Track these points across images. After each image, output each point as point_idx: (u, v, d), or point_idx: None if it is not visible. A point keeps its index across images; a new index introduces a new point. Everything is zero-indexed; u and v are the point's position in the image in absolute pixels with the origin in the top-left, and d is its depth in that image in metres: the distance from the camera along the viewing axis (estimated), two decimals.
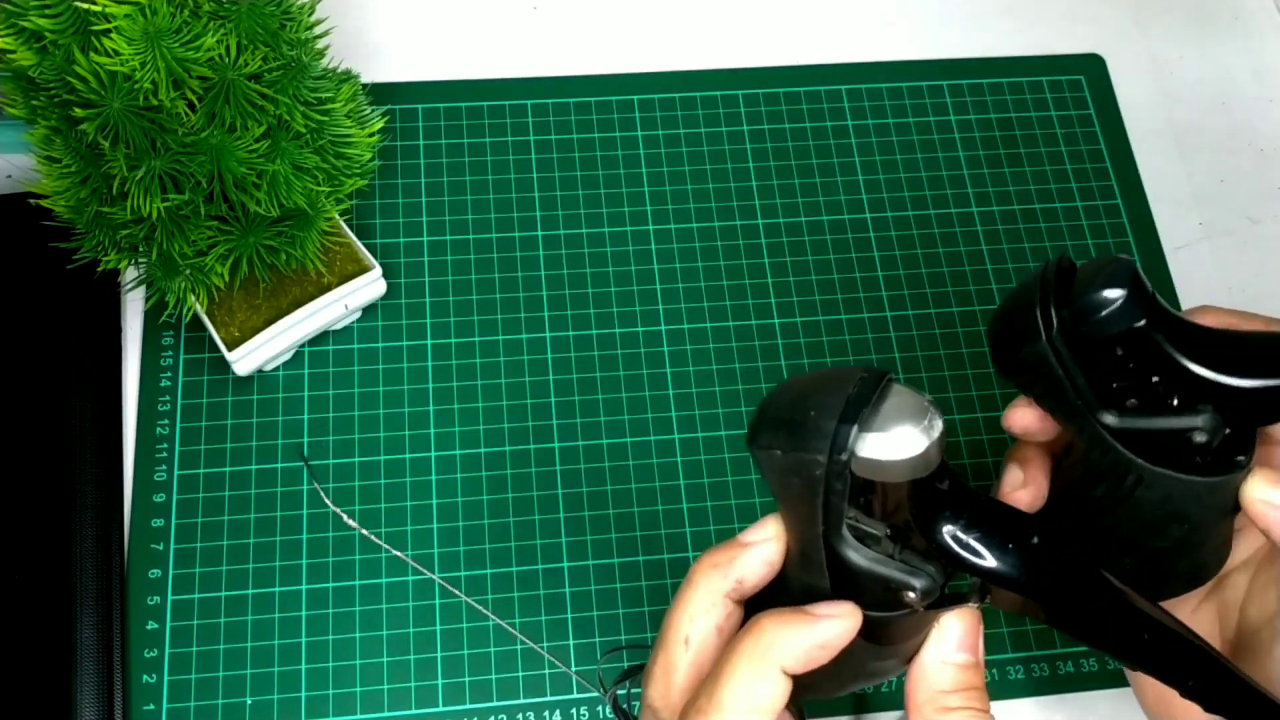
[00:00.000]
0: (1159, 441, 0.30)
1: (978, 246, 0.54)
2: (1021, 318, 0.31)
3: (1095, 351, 0.30)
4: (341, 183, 0.45)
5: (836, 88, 0.58)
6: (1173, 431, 0.30)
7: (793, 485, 0.27)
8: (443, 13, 0.59)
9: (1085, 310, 0.30)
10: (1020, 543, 0.27)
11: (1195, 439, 0.30)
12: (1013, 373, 0.32)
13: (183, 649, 0.44)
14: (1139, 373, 0.31)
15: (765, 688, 0.27)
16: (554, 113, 0.56)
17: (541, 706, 0.44)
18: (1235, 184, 0.58)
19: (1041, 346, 0.30)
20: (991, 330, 0.33)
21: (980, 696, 0.28)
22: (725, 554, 0.30)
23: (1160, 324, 0.30)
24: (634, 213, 0.54)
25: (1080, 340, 0.30)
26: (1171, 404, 0.30)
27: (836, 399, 0.26)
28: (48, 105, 0.39)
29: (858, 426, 0.25)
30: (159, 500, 0.46)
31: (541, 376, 0.50)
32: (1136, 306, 0.30)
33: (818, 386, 0.27)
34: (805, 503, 0.27)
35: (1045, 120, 0.58)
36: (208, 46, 0.38)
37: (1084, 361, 0.30)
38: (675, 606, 0.30)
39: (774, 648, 0.27)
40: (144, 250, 0.43)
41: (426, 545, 0.46)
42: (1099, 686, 0.46)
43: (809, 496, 0.26)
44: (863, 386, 0.26)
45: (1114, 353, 0.31)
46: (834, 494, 0.26)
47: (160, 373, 0.49)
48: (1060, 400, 0.31)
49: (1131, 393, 0.31)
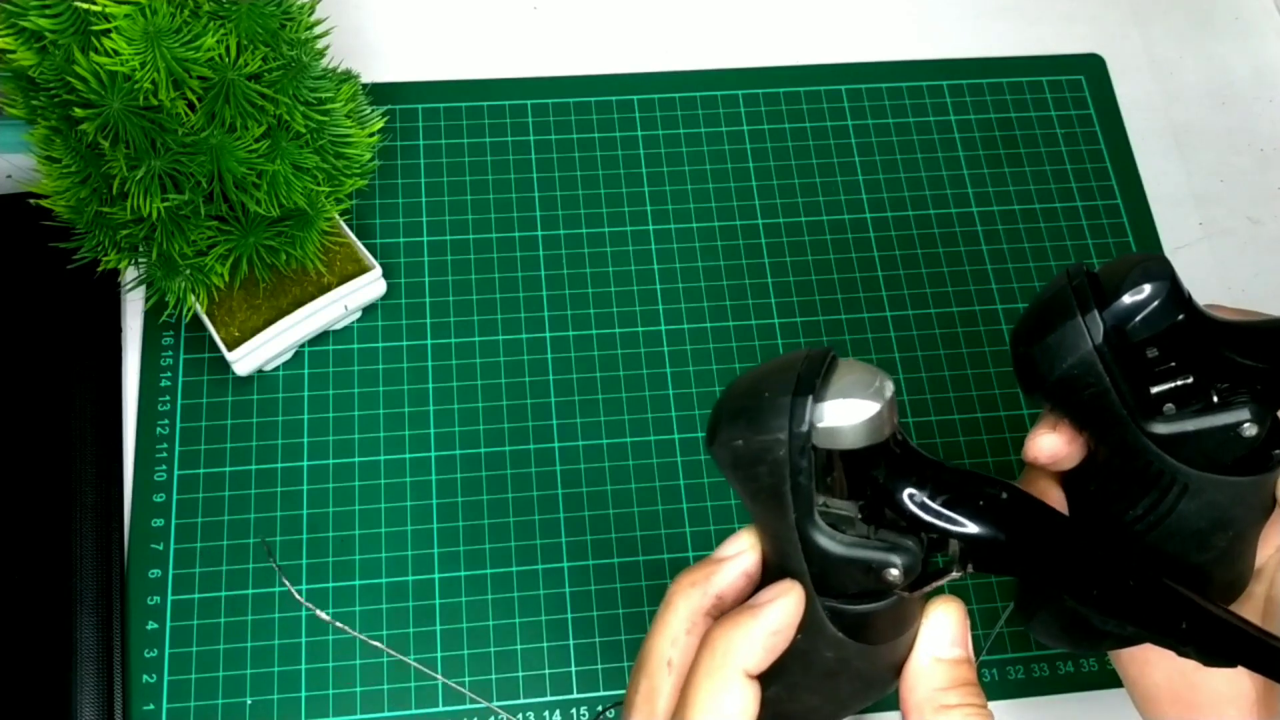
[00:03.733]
0: (1206, 444, 0.29)
1: (978, 246, 0.54)
2: (1059, 331, 0.30)
3: (1131, 356, 0.30)
4: (341, 183, 0.45)
5: (836, 88, 0.58)
6: (1220, 429, 0.29)
7: (759, 476, 0.27)
8: (443, 13, 0.59)
9: (1126, 312, 0.29)
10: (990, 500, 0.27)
11: (1245, 432, 0.29)
12: (1051, 391, 0.31)
13: (183, 649, 0.44)
14: (1173, 373, 0.30)
15: (732, 697, 0.26)
16: (554, 113, 0.56)
17: (541, 706, 0.44)
18: (1235, 184, 0.58)
19: (1089, 355, 0.29)
20: (1020, 349, 0.31)
21: (976, 692, 0.27)
22: (702, 572, 0.29)
23: (1196, 319, 0.30)
24: (634, 213, 0.54)
25: (1120, 345, 0.29)
26: (1214, 401, 0.29)
27: (787, 378, 0.26)
28: (48, 105, 0.39)
29: (812, 397, 0.25)
30: (159, 500, 0.46)
31: (541, 376, 0.50)
32: (1176, 303, 0.29)
33: (767, 373, 0.27)
34: (774, 493, 0.26)
35: (1045, 120, 0.58)
36: (208, 46, 0.38)
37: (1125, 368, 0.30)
38: (654, 630, 0.29)
39: (730, 654, 0.27)
40: (144, 250, 0.43)
41: (427, 545, 0.46)
42: (1099, 686, 0.46)
43: (777, 484, 0.26)
44: (810, 363, 0.26)
45: (1145, 355, 0.30)
46: (800, 473, 0.26)
47: (160, 373, 0.49)
48: (1102, 413, 0.30)
49: (1167, 398, 0.30)
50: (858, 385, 0.25)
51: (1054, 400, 0.31)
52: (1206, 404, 0.29)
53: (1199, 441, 0.29)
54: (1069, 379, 0.30)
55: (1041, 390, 0.31)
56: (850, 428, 0.25)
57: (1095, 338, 0.29)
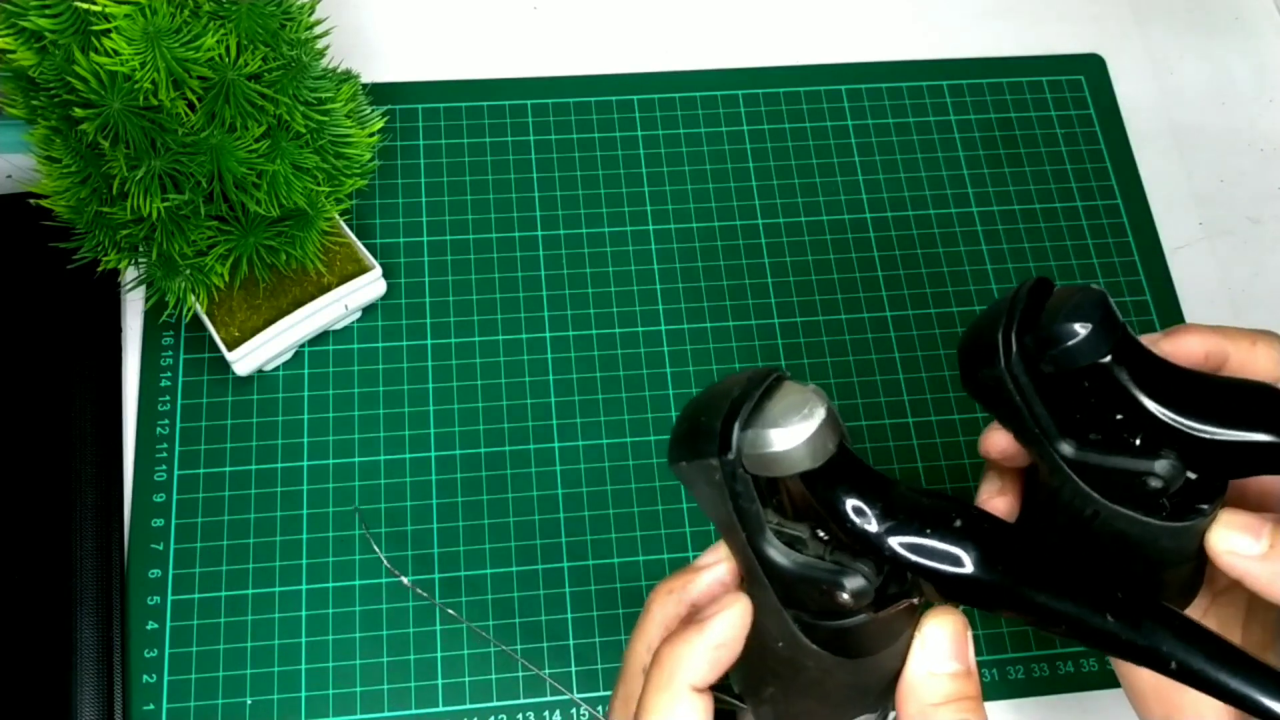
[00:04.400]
0: (1117, 480, 0.29)
1: (978, 246, 0.54)
2: (984, 340, 0.30)
3: (1059, 380, 0.29)
4: (341, 183, 0.45)
5: (836, 88, 0.58)
6: (1129, 472, 0.29)
7: (706, 494, 0.27)
8: (443, 13, 0.59)
9: (1050, 340, 0.29)
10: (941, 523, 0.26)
11: (1150, 484, 0.28)
12: (975, 394, 0.31)
13: (183, 649, 0.44)
14: (1102, 408, 0.30)
15: (682, 711, 0.27)
16: (554, 113, 0.56)
17: (541, 706, 0.44)
18: (1235, 184, 0.58)
19: (999, 371, 0.29)
20: (959, 348, 0.32)
21: (975, 707, 0.26)
22: (680, 580, 0.30)
23: (1128, 358, 0.29)
24: (634, 213, 0.54)
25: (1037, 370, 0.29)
26: (1133, 444, 0.29)
27: (722, 404, 0.26)
28: (48, 105, 0.39)
29: (738, 424, 0.25)
30: (159, 500, 0.46)
31: (541, 376, 0.50)
32: (1103, 341, 0.28)
33: (711, 394, 0.27)
34: (722, 510, 0.27)
35: (1045, 120, 0.58)
36: (208, 46, 0.38)
37: (1047, 389, 0.29)
38: (633, 637, 0.30)
39: (677, 669, 0.27)
40: (144, 250, 0.43)
41: (427, 545, 0.46)
42: (1099, 687, 0.46)
43: (721, 502, 0.26)
44: (748, 386, 0.26)
45: (1080, 384, 0.30)
46: (740, 497, 0.26)
47: (160, 373, 0.49)
48: (1020, 426, 0.30)
49: (1096, 425, 0.30)
50: (788, 411, 0.25)
51: (981, 402, 0.31)
52: (1123, 445, 0.29)
53: (1110, 476, 0.29)
54: (985, 387, 0.30)
55: (969, 390, 0.31)
56: (777, 454, 0.25)
57: (1007, 356, 0.29)
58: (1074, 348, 0.28)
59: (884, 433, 0.50)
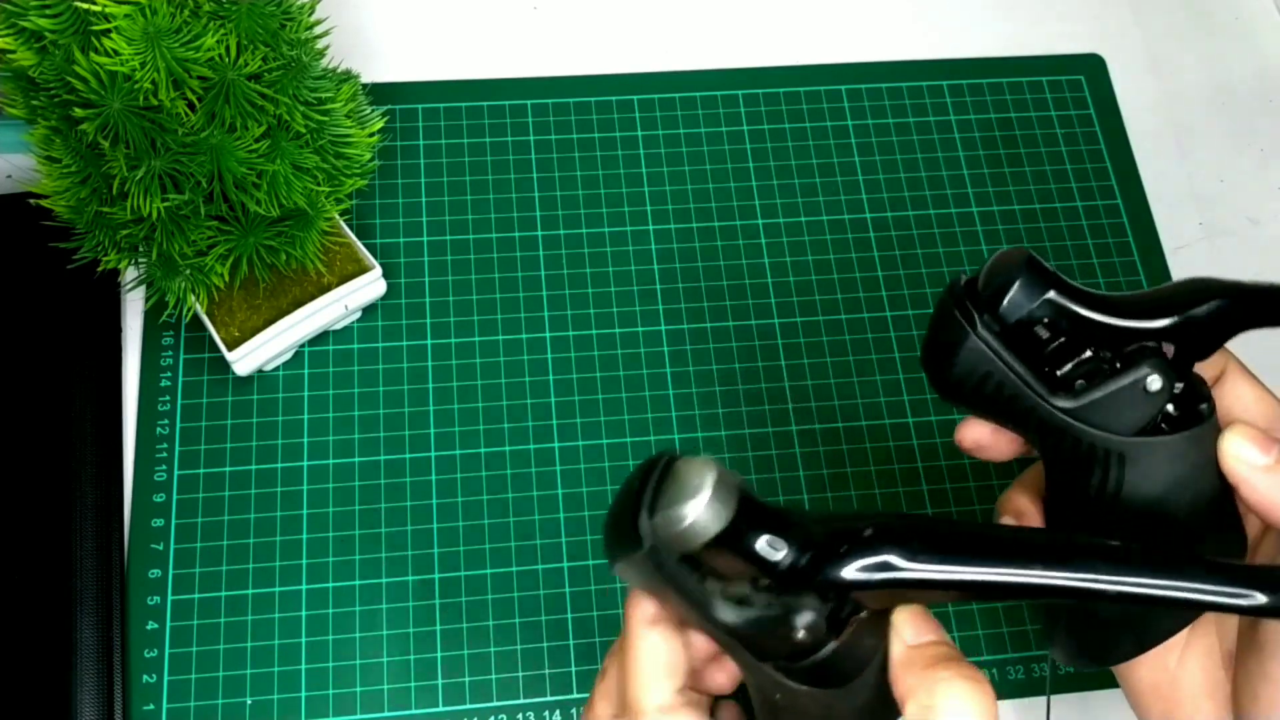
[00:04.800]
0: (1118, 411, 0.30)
1: (978, 246, 0.54)
2: (945, 327, 0.31)
3: (1022, 341, 0.31)
4: (341, 183, 0.45)
5: (836, 88, 0.58)
6: (1127, 390, 0.30)
7: (649, 585, 0.28)
8: (443, 13, 0.59)
9: (994, 297, 0.30)
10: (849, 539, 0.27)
11: (1150, 386, 0.30)
12: (955, 389, 0.32)
13: (183, 649, 0.44)
14: (1069, 348, 0.31)
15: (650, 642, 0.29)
16: (554, 113, 0.56)
17: (541, 706, 0.44)
18: (1235, 184, 0.58)
19: (973, 342, 0.30)
20: (923, 358, 0.33)
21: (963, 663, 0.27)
22: None
23: (1071, 292, 0.31)
24: (634, 213, 0.54)
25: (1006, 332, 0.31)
26: (1115, 367, 0.30)
27: (629, 499, 0.27)
28: (48, 105, 0.39)
29: (644, 515, 0.26)
30: (159, 500, 0.46)
31: (541, 376, 0.50)
32: (1038, 278, 0.30)
33: (621, 493, 0.28)
34: (668, 595, 0.28)
35: (1045, 120, 0.58)
36: (208, 46, 0.38)
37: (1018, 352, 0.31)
38: None
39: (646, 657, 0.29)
40: (144, 250, 0.43)
41: (426, 545, 0.46)
42: (1099, 686, 0.46)
43: (663, 588, 0.28)
44: (644, 476, 0.27)
45: (1039, 336, 0.31)
46: (676, 577, 0.27)
47: (160, 373, 0.49)
48: (1012, 402, 0.31)
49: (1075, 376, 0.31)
50: (682, 488, 0.26)
51: (970, 404, 0.32)
52: (1110, 370, 0.30)
53: (1114, 408, 0.30)
54: (968, 376, 0.31)
55: (954, 396, 0.32)
56: (685, 530, 0.26)
57: (972, 323, 0.30)
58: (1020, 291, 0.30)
59: (884, 433, 0.50)
